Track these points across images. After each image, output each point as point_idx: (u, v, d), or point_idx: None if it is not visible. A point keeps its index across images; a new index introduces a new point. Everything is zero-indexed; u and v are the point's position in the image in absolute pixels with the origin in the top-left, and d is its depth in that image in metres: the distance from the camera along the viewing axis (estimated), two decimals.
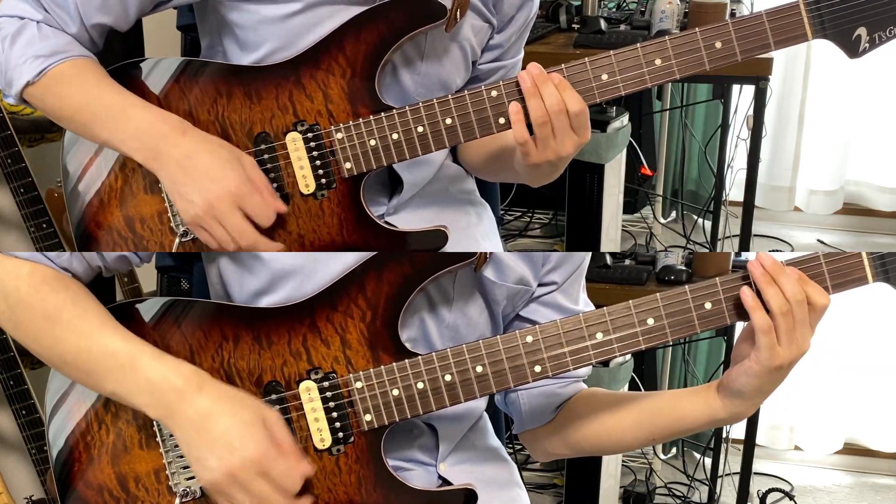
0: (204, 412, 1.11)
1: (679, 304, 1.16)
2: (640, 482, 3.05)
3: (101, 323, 1.16)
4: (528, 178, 1.33)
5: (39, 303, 1.16)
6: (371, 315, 1.18)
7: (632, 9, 2.83)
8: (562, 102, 1.18)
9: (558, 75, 1.20)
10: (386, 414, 1.18)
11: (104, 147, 1.27)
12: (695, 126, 3.45)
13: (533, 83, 1.19)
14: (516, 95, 1.21)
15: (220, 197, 1.17)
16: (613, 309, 1.16)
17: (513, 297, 1.30)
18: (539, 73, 1.19)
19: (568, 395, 1.34)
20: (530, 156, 1.21)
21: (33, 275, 1.17)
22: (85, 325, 1.15)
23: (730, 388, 1.18)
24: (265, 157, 1.24)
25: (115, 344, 1.14)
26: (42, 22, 1.22)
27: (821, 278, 1.16)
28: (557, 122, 1.19)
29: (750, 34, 1.21)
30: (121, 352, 1.14)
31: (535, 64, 1.20)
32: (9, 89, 1.23)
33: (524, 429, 1.37)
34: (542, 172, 1.27)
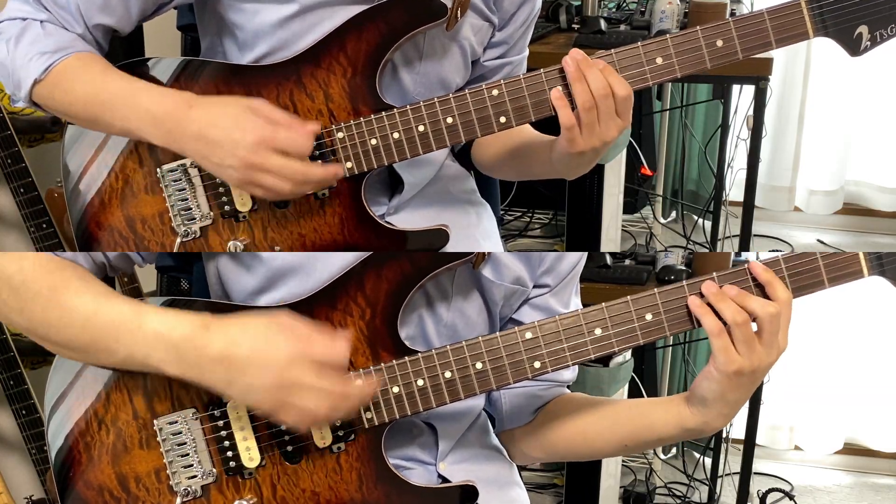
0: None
1: (677, 300, 1.17)
2: (640, 482, 3.05)
3: (106, 292, 1.16)
4: (567, 169, 1.32)
5: (45, 276, 1.15)
6: (370, 313, 1.18)
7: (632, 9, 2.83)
8: (608, 87, 1.18)
9: (602, 61, 1.20)
10: (386, 412, 1.18)
11: (105, 145, 1.27)
12: (695, 126, 3.45)
13: (577, 68, 1.19)
14: (517, 94, 1.21)
15: (250, 150, 1.15)
16: (612, 304, 1.17)
17: (510, 296, 1.30)
18: (583, 58, 1.19)
19: (549, 398, 1.35)
20: (576, 142, 1.21)
21: (38, 256, 1.17)
22: (91, 294, 1.15)
23: (695, 395, 1.19)
24: None
25: (120, 307, 1.14)
26: (45, 21, 1.22)
27: (816, 272, 1.16)
28: (603, 106, 1.19)
29: (751, 32, 1.21)
30: (128, 312, 1.13)
31: (577, 49, 1.20)
32: (18, 92, 1.22)
33: (503, 428, 1.38)
34: (585, 160, 1.26)
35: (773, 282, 1.15)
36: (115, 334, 1.13)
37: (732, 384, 1.15)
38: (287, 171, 1.17)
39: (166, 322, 1.12)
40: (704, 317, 1.14)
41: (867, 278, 1.18)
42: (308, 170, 1.18)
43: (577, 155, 1.23)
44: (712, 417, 1.19)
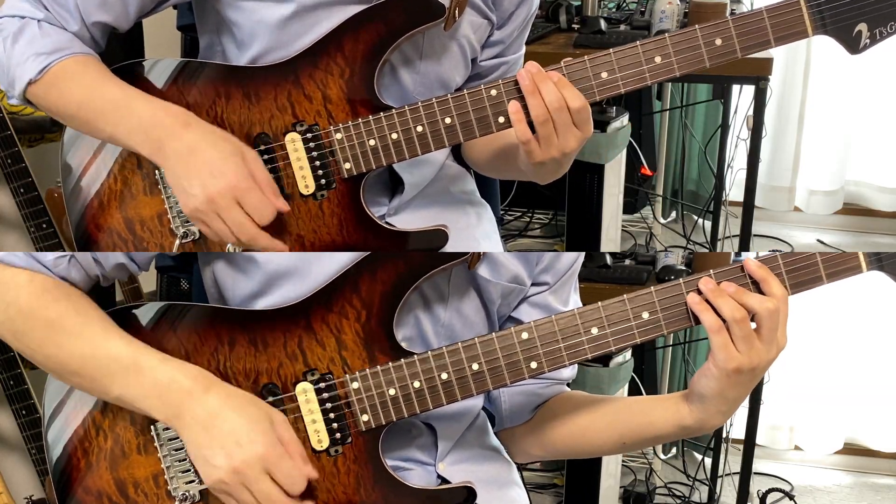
0: (213, 411, 1.11)
1: (674, 297, 1.16)
2: (640, 482, 3.04)
3: (104, 329, 1.16)
4: (535, 176, 1.32)
5: (41, 311, 1.16)
6: (366, 315, 1.18)
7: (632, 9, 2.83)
8: (562, 99, 1.18)
9: (557, 73, 1.20)
10: (383, 414, 1.18)
11: (104, 146, 1.27)
12: (695, 126, 3.45)
13: (532, 81, 1.19)
14: (516, 94, 1.21)
15: (219, 191, 1.17)
16: (608, 303, 1.16)
17: (507, 295, 1.30)
18: (538, 71, 1.19)
19: (548, 396, 1.35)
20: (534, 154, 1.21)
21: (32, 283, 1.17)
22: (88, 331, 1.15)
23: (693, 393, 1.19)
24: (264, 157, 1.24)
25: (119, 348, 1.14)
26: (43, 20, 1.22)
27: (815, 268, 1.16)
28: (559, 118, 1.19)
29: (750, 31, 1.21)
30: (125, 356, 1.14)
31: (533, 63, 1.20)
32: (12, 89, 1.23)
33: (503, 427, 1.38)
34: (548, 170, 1.26)
35: (768, 278, 1.15)
36: (110, 377, 1.14)
37: (732, 382, 1.14)
38: (238, 228, 1.18)
39: (168, 374, 1.13)
40: (703, 313, 1.14)
41: (866, 273, 1.17)
42: (257, 236, 1.20)
43: (538, 165, 1.23)
44: (711, 415, 1.18)
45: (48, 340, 1.15)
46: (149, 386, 1.13)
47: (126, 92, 1.20)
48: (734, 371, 1.13)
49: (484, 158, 1.44)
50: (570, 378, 1.36)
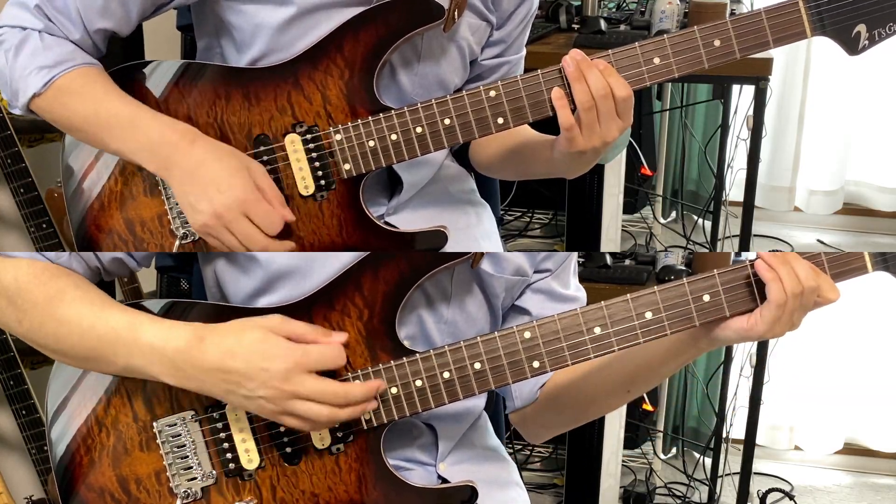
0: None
1: (677, 298, 1.16)
2: (640, 482, 3.04)
3: (103, 302, 1.17)
4: (567, 168, 1.32)
5: (41, 287, 1.16)
6: (368, 313, 1.18)
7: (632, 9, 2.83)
8: (608, 87, 1.19)
9: (603, 61, 1.20)
10: (385, 413, 1.18)
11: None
12: (695, 126, 3.45)
13: (577, 68, 1.19)
14: (514, 95, 1.21)
15: (227, 206, 1.18)
16: (611, 303, 1.16)
17: (511, 288, 1.30)
18: (583, 58, 1.19)
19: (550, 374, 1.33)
20: (576, 142, 1.21)
21: (32, 265, 1.17)
22: (87, 304, 1.16)
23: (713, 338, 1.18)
24: (264, 158, 1.24)
25: (117, 318, 1.14)
26: (44, 31, 1.21)
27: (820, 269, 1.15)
28: (603, 106, 1.19)
29: (749, 32, 1.21)
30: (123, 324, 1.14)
31: (577, 50, 1.20)
32: (15, 101, 1.23)
33: (515, 408, 1.37)
34: (585, 160, 1.26)
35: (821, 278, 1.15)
36: (111, 346, 1.14)
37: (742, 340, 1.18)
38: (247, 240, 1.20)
39: (160, 334, 1.13)
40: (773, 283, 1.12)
41: (871, 273, 1.17)
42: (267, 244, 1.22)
43: (577, 154, 1.23)
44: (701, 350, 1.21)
45: (48, 316, 1.15)
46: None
47: (132, 108, 1.21)
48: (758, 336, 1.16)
49: (498, 159, 1.44)
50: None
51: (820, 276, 1.15)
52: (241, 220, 1.18)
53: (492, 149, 1.44)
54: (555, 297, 1.32)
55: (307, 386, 1.10)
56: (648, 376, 1.25)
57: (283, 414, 1.12)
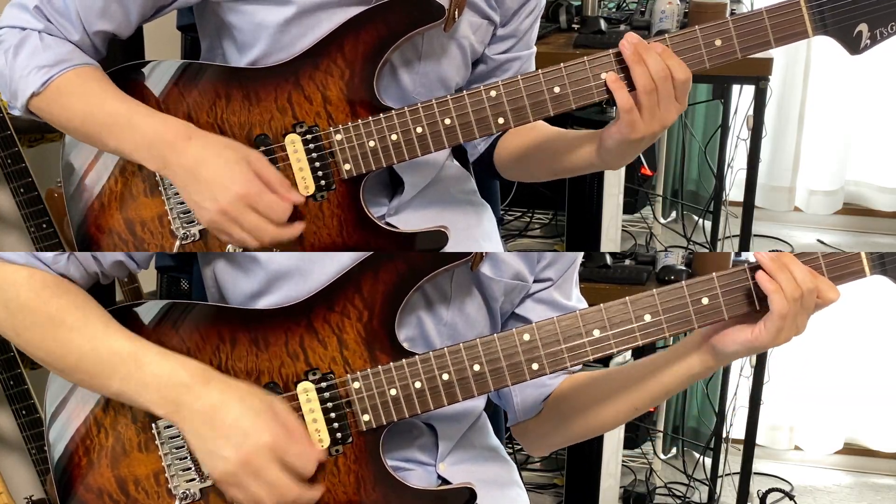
0: (213, 404, 1.11)
1: (676, 300, 1.16)
2: (640, 482, 3.04)
3: (105, 324, 1.16)
4: (618, 158, 1.30)
5: (42, 306, 1.16)
6: (368, 315, 1.18)
7: (632, 9, 2.83)
8: (667, 69, 1.18)
9: (661, 45, 1.20)
10: (384, 414, 1.18)
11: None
12: (695, 126, 3.45)
13: (635, 51, 1.19)
14: (515, 95, 1.21)
15: (230, 202, 1.17)
16: (610, 305, 1.16)
17: (510, 292, 1.30)
18: (640, 41, 1.19)
19: (556, 386, 1.34)
20: (636, 126, 1.20)
21: (32, 279, 1.17)
22: (89, 327, 1.15)
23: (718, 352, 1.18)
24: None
25: (119, 343, 1.14)
26: (44, 31, 1.21)
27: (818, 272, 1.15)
28: (663, 88, 1.19)
29: (750, 31, 1.21)
30: (125, 350, 1.14)
31: (633, 33, 1.20)
32: (14, 101, 1.23)
33: (517, 421, 1.37)
34: (642, 146, 1.25)
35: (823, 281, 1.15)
36: (110, 372, 1.14)
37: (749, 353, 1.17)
38: (257, 233, 1.19)
39: (167, 368, 1.13)
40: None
41: (869, 277, 1.17)
42: (278, 235, 1.20)
43: (635, 141, 1.22)
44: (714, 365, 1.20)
45: (48, 336, 1.15)
46: (148, 379, 1.13)
47: (128, 106, 1.21)
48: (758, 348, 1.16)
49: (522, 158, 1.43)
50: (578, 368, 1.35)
51: (818, 277, 1.15)
52: (247, 214, 1.18)
53: (518, 149, 1.43)
54: (557, 308, 1.32)
55: (272, 473, 1.11)
56: (657, 395, 1.25)
57: (233, 485, 1.12)
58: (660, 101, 1.19)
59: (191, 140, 1.19)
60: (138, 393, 1.13)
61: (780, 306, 1.12)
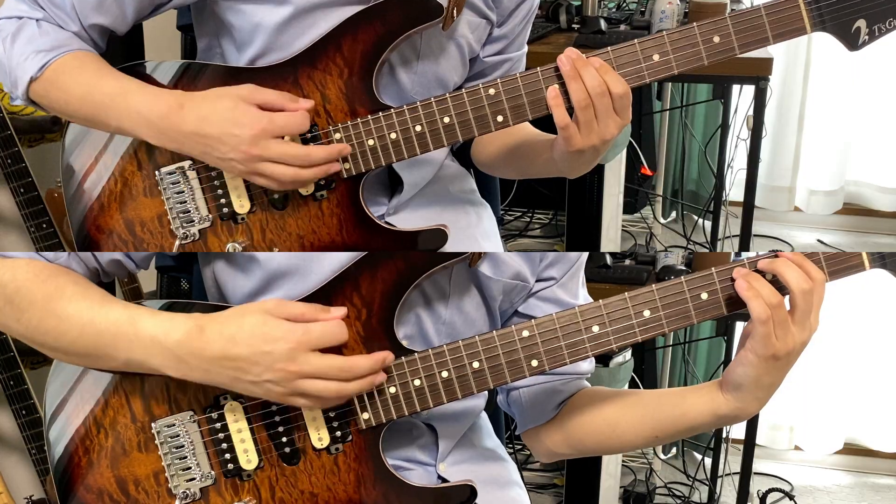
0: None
1: (675, 296, 1.16)
2: (640, 482, 3.05)
3: (102, 297, 1.16)
4: (568, 168, 1.31)
5: (39, 285, 1.15)
6: (366, 313, 1.18)
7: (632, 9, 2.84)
8: (604, 84, 1.18)
9: (599, 59, 1.19)
10: (384, 412, 1.18)
11: (105, 149, 1.27)
12: (695, 126, 3.45)
13: (573, 66, 1.19)
14: (514, 93, 1.21)
15: (250, 143, 1.16)
16: (609, 301, 1.16)
17: (509, 292, 1.30)
18: (578, 56, 1.19)
19: (570, 393, 1.33)
20: (573, 141, 1.20)
21: (31, 264, 1.17)
22: (86, 300, 1.15)
23: (730, 382, 1.17)
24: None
25: (116, 313, 1.14)
26: (42, 20, 1.22)
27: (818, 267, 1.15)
28: (600, 104, 1.18)
29: (748, 28, 1.21)
30: (122, 318, 1.13)
31: (572, 48, 1.20)
32: (15, 90, 1.23)
33: (526, 427, 1.37)
34: (586, 158, 1.25)
35: (805, 263, 1.13)
36: (112, 341, 1.13)
37: (769, 368, 1.13)
38: (288, 157, 1.17)
39: (160, 327, 1.12)
40: (753, 300, 1.12)
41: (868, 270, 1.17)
42: (309, 151, 1.19)
43: (576, 153, 1.22)
44: (748, 402, 1.17)
45: (48, 313, 1.15)
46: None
47: (121, 84, 1.20)
48: (772, 357, 1.12)
49: (500, 157, 1.44)
50: (590, 371, 1.34)
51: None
52: (271, 145, 1.17)
53: (493, 147, 1.44)
54: (561, 306, 1.32)
55: (312, 363, 1.10)
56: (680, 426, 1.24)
57: (292, 395, 1.11)
58: (597, 115, 1.19)
59: (183, 107, 1.18)
60: (145, 358, 1.13)
61: (758, 312, 1.12)
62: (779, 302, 1.11)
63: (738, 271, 1.14)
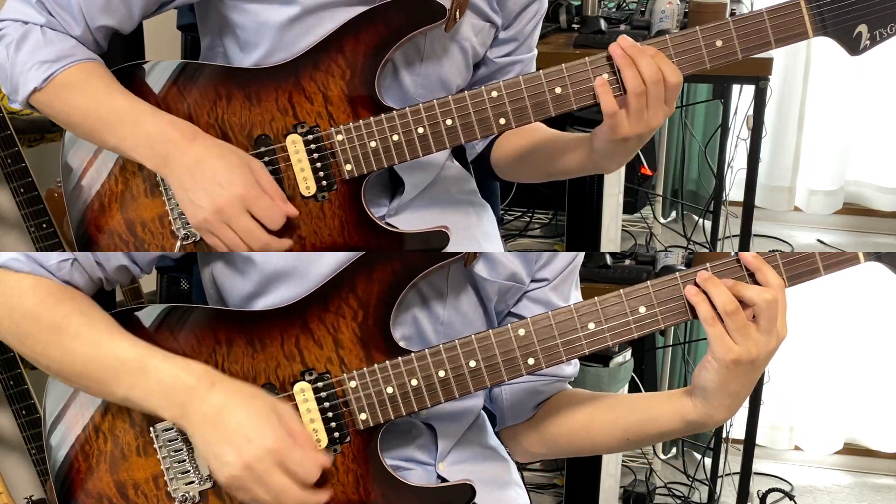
0: (218, 406, 1.11)
1: (670, 291, 1.16)
2: (640, 482, 3.04)
3: (109, 330, 1.16)
4: (609, 159, 1.30)
5: (46, 313, 1.15)
6: (363, 314, 1.18)
7: (632, 9, 2.83)
8: (659, 72, 1.18)
9: (653, 48, 1.20)
10: (381, 412, 1.18)
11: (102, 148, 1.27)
12: (695, 126, 3.45)
13: (625, 54, 1.19)
14: (516, 96, 1.21)
15: (228, 201, 1.17)
16: (605, 298, 1.16)
17: (504, 293, 1.30)
18: (632, 44, 1.19)
19: (550, 394, 1.34)
20: (620, 129, 1.21)
21: (37, 287, 1.17)
22: (93, 332, 1.15)
23: (696, 387, 1.18)
24: (265, 159, 1.24)
25: (123, 350, 1.14)
26: (46, 26, 1.21)
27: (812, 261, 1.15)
28: (654, 92, 1.19)
29: (751, 32, 1.21)
30: (130, 356, 1.14)
31: (625, 36, 1.20)
32: (15, 95, 1.23)
33: (504, 425, 1.37)
34: (629, 147, 1.25)
35: (763, 268, 1.14)
36: (115, 377, 1.14)
37: (732, 374, 1.14)
38: (248, 236, 1.18)
39: (172, 372, 1.13)
40: (699, 305, 1.14)
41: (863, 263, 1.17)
42: (269, 242, 1.20)
43: (620, 142, 1.22)
44: (715, 409, 1.18)
45: (53, 343, 1.15)
46: (153, 385, 1.12)
47: (133, 104, 1.21)
48: (732, 363, 1.13)
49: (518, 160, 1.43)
50: (573, 375, 1.36)
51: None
52: (242, 216, 1.18)
53: (514, 150, 1.43)
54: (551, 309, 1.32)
55: (274, 478, 1.10)
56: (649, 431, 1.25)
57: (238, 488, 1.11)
58: (649, 104, 1.19)
59: (195, 141, 1.19)
60: (144, 399, 1.13)
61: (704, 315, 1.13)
62: (734, 309, 1.12)
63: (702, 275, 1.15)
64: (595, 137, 1.26)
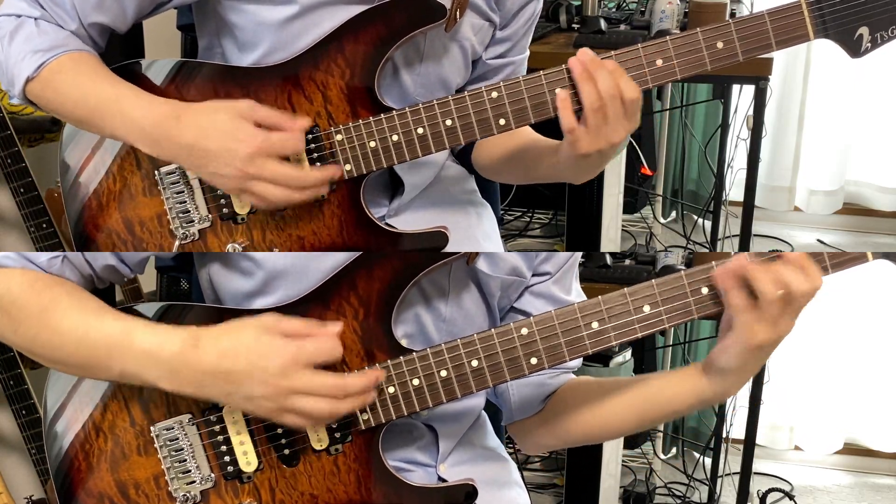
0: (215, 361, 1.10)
1: (675, 290, 1.15)
2: (640, 482, 3.05)
3: (97, 309, 1.16)
4: (574, 173, 1.30)
5: (35, 296, 1.15)
6: (364, 312, 1.18)
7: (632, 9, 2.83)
8: (617, 87, 1.17)
9: (612, 62, 1.19)
10: (383, 412, 1.17)
11: (102, 144, 1.27)
12: (695, 126, 3.45)
13: (585, 69, 1.18)
14: (517, 96, 1.21)
15: (246, 161, 1.15)
16: (609, 297, 1.16)
17: (507, 287, 1.30)
18: (591, 58, 1.18)
19: (556, 385, 1.34)
20: (580, 145, 1.19)
21: (25, 274, 1.17)
22: (81, 313, 1.15)
23: (713, 367, 1.18)
24: None
25: (110, 325, 1.13)
26: (40, 19, 1.21)
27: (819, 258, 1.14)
28: (612, 108, 1.17)
29: (752, 34, 1.21)
30: (116, 331, 1.13)
31: (585, 49, 1.19)
32: (12, 88, 1.23)
33: (513, 420, 1.37)
34: (592, 163, 1.24)
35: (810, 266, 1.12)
36: (107, 353, 1.13)
37: (754, 356, 1.14)
38: (282, 178, 1.17)
39: (155, 340, 1.12)
40: (733, 292, 1.12)
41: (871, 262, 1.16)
42: (304, 174, 1.18)
43: (581, 157, 1.21)
44: (730, 385, 1.18)
45: (43, 326, 1.15)
46: (141, 357, 1.11)
47: (117, 90, 1.20)
48: (757, 347, 1.12)
49: (501, 162, 1.43)
50: (578, 366, 1.35)
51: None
52: (267, 164, 1.16)
53: (495, 152, 1.43)
54: (556, 303, 1.32)
55: (304, 381, 1.10)
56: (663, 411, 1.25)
57: (284, 412, 1.11)
58: (607, 119, 1.18)
59: (180, 118, 1.17)
60: (139, 372, 1.12)
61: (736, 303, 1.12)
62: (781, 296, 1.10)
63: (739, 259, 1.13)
64: (558, 151, 1.25)
